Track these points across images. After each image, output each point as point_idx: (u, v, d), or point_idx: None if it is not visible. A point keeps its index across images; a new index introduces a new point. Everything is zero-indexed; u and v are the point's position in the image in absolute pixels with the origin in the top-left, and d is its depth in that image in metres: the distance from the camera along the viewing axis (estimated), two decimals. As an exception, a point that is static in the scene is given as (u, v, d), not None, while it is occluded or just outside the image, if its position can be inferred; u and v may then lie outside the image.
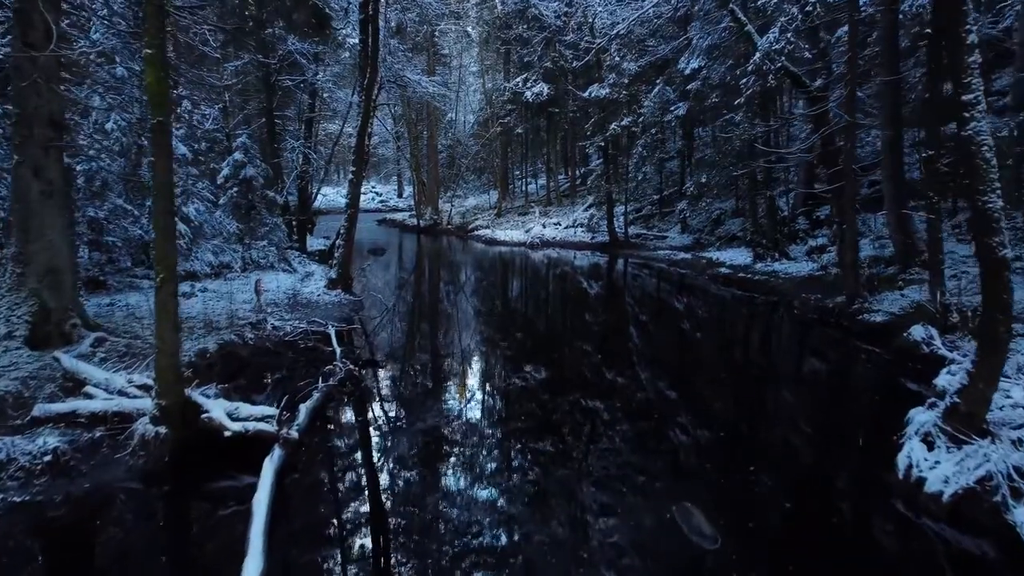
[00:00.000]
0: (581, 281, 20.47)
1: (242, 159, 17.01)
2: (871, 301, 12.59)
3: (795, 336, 12.89)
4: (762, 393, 9.39)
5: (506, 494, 6.04)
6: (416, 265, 25.15)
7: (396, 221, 41.32)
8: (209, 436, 6.63)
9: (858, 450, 7.04)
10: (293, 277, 16.64)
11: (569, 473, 6.46)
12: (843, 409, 8.59)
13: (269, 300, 13.81)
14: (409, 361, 10.95)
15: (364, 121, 14.29)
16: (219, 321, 11.35)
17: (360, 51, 14.75)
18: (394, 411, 8.39)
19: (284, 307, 13.48)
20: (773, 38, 11.45)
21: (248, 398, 7.82)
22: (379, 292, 17.08)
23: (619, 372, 10.05)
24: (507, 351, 11.69)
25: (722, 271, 18.77)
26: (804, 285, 15.88)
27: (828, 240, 19.21)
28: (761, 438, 7.64)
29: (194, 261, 15.06)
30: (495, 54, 37.28)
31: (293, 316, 12.76)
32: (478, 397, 8.93)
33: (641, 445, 7.22)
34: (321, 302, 14.21)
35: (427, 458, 6.89)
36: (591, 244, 26.69)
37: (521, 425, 7.87)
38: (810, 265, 17.47)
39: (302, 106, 21.95)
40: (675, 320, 14.84)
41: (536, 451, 7.03)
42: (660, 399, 8.87)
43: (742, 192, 24.74)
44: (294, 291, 14.92)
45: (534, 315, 15.74)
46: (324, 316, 13.07)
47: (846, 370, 10.45)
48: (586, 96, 25.34)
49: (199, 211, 15.66)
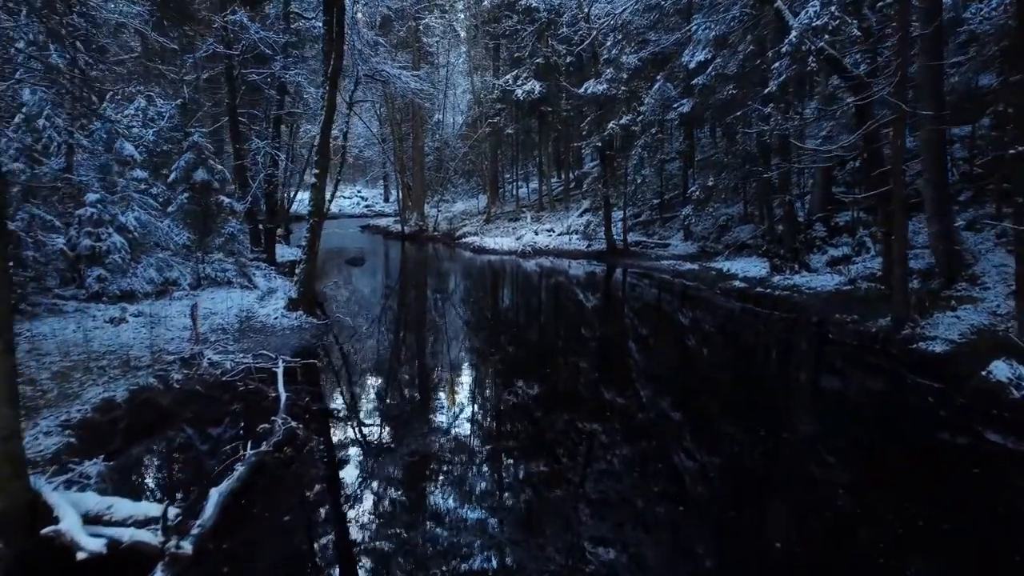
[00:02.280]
0: (579, 295, 18.52)
1: (194, 160, 14.93)
2: (923, 325, 10.72)
3: (834, 368, 10.95)
4: (800, 440, 7.44)
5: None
6: (397, 278, 22.89)
7: (380, 227, 39.21)
8: (65, 552, 4.61)
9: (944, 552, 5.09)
10: (252, 295, 14.57)
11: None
12: (913, 478, 6.57)
13: (216, 325, 11.77)
14: (375, 410, 8.85)
15: (328, 115, 12.29)
16: (143, 357, 9.29)
17: (324, 35, 12.73)
18: (347, 489, 6.35)
19: (232, 334, 11.44)
20: (813, 13, 9.57)
21: (140, 484, 5.79)
22: (351, 312, 15.03)
23: (636, 416, 8.10)
24: (499, 401, 9.66)
25: (736, 284, 16.86)
26: (833, 302, 14.01)
27: (851, 249, 17.40)
28: (800, 499, 5.72)
29: (132, 278, 12.96)
30: (483, 50, 35.32)
31: (240, 346, 10.72)
32: (457, 474, 6.70)
33: (674, 530, 5.26)
34: (278, 327, 12.17)
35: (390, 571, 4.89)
36: (587, 252, 24.75)
37: (511, 507, 5.87)
38: (835, 278, 15.59)
39: (270, 103, 19.89)
40: (689, 348, 12.90)
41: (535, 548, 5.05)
42: (680, 447, 6.92)
43: (751, 196, 22.94)
44: (248, 313, 12.87)
45: (531, 346, 12.88)
46: (278, 346, 11.03)
47: (907, 416, 8.49)
48: (581, 93, 23.44)
49: (140, 220, 13.57)
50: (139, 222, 13.51)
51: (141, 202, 13.99)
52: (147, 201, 14.12)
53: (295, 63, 19.43)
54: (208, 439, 7.33)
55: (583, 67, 30.07)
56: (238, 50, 18.47)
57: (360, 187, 61.95)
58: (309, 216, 12.52)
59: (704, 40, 19.98)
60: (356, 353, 11.80)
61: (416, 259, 28.42)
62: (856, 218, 18.51)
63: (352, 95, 21.54)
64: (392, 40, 33.02)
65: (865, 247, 17.26)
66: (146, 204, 14.10)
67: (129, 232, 13.09)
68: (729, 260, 19.86)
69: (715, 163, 21.15)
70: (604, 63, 22.95)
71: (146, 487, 6.41)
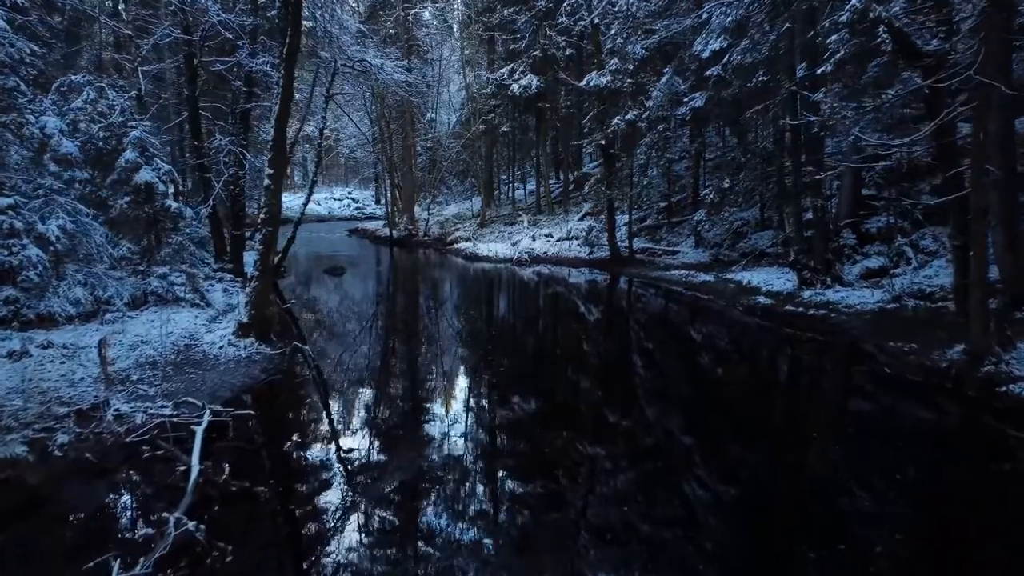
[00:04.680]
0: (585, 313, 16.50)
1: (136, 159, 12.88)
2: (1008, 360, 8.71)
3: (896, 411, 8.84)
4: (872, 521, 5.41)
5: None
6: (378, 293, 20.40)
7: (368, 231, 37.13)
8: None
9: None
10: (203, 316, 12.52)
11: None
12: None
13: (145, 358, 9.73)
14: (322, 489, 6.46)
15: (283, 104, 10.25)
16: (28, 408, 7.23)
17: (280, 7, 10.68)
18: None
19: (163, 369, 9.37)
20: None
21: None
22: (317, 338, 12.97)
23: (658, 488, 6.06)
24: (496, 497, 7.47)
25: (760, 300, 14.82)
26: (878, 324, 12.02)
27: (888, 260, 15.42)
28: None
29: (51, 299, 10.89)
30: (477, 41, 33.23)
31: (166, 387, 8.66)
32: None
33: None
34: (222, 359, 10.10)
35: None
36: (589, 260, 22.71)
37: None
38: (875, 294, 13.58)
39: (238, 95, 17.84)
40: (713, 379, 10.87)
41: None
42: (709, 516, 4.90)
43: (767, 200, 20.94)
44: (190, 340, 10.82)
45: (541, 399, 9.61)
46: (215, 386, 8.99)
47: (1011, 487, 6.43)
48: (584, 86, 21.42)
49: (66, 228, 11.49)
50: (65, 231, 11.43)
51: (71, 207, 11.91)
52: (78, 207, 12.04)
53: (264, 51, 17.37)
54: (63, 552, 5.21)
55: (583, 60, 28.08)
56: (198, 35, 16.44)
57: (352, 188, 59.97)
58: (261, 224, 10.47)
59: (719, 26, 17.97)
60: (312, 396, 9.68)
61: (403, 268, 26.33)
62: (892, 224, 16.54)
63: (330, 87, 19.48)
64: (381, 33, 30.99)
65: (905, 257, 15.28)
66: (77, 210, 12.02)
67: (49, 243, 11.01)
68: (747, 271, 17.85)
69: (731, 163, 19.13)
70: (608, 53, 20.94)
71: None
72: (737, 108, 17.15)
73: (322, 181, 68.37)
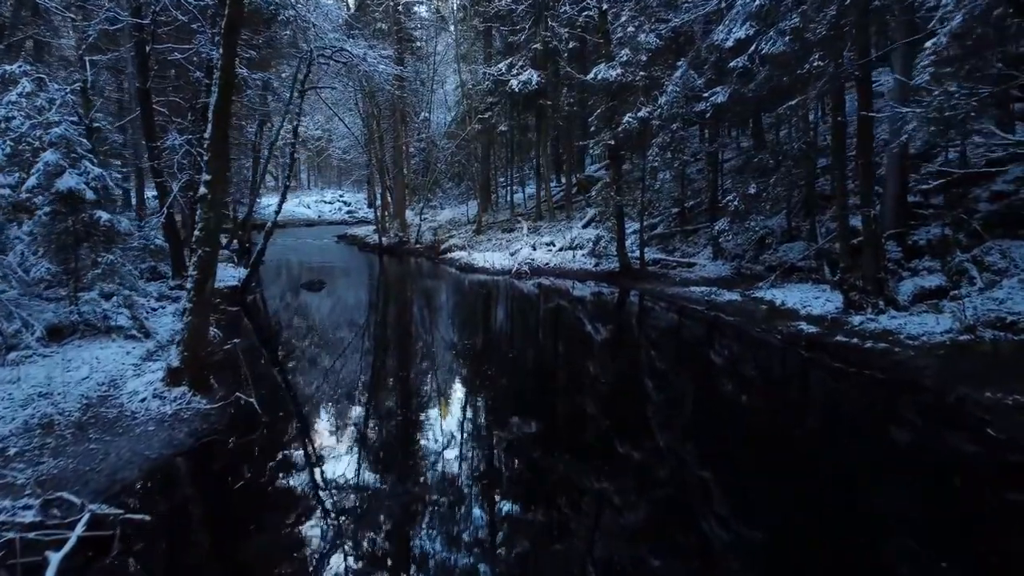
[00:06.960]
0: (601, 342, 14.36)
1: (59, 161, 10.70)
2: None
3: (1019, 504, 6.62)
4: None
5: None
6: (357, 314, 17.35)
7: (357, 237, 34.90)
8: None
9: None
10: (136, 351, 10.35)
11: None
12: None
13: (40, 417, 7.54)
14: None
15: (223, 92, 8.08)
16: None
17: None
18: None
19: (61, 435, 7.20)
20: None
21: None
22: (272, 379, 10.73)
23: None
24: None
25: (801, 328, 12.63)
26: (955, 363, 9.84)
27: (946, 279, 13.30)
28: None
29: (-66, 337, 8.72)
30: (473, 34, 31.04)
31: (49, 467, 6.49)
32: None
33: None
34: (140, 417, 7.91)
35: None
36: (596, 273, 20.55)
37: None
38: (940, 321, 11.36)
39: (197, 88, 15.67)
40: (756, 441, 8.69)
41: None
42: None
43: (795, 207, 18.82)
44: (107, 390, 8.64)
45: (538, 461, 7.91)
46: (118, 463, 6.83)
47: None
48: (590, 80, 19.28)
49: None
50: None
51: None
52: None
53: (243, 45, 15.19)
54: None
55: (587, 54, 25.95)
56: (149, 18, 14.29)
57: (344, 191, 57.84)
58: (196, 244, 8.30)
59: (744, 12, 15.85)
60: (250, 472, 7.24)
61: (391, 281, 24.07)
62: (946, 236, 14.42)
63: (305, 79, 17.30)
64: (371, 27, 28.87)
65: (967, 276, 13.14)
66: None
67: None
68: (777, 288, 15.70)
69: (757, 165, 16.98)
70: (617, 44, 18.81)
71: None
72: (768, 102, 15.00)
73: (314, 183, 66.18)
